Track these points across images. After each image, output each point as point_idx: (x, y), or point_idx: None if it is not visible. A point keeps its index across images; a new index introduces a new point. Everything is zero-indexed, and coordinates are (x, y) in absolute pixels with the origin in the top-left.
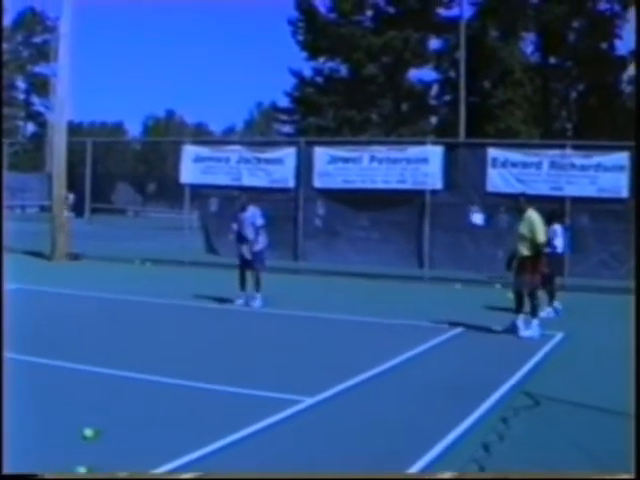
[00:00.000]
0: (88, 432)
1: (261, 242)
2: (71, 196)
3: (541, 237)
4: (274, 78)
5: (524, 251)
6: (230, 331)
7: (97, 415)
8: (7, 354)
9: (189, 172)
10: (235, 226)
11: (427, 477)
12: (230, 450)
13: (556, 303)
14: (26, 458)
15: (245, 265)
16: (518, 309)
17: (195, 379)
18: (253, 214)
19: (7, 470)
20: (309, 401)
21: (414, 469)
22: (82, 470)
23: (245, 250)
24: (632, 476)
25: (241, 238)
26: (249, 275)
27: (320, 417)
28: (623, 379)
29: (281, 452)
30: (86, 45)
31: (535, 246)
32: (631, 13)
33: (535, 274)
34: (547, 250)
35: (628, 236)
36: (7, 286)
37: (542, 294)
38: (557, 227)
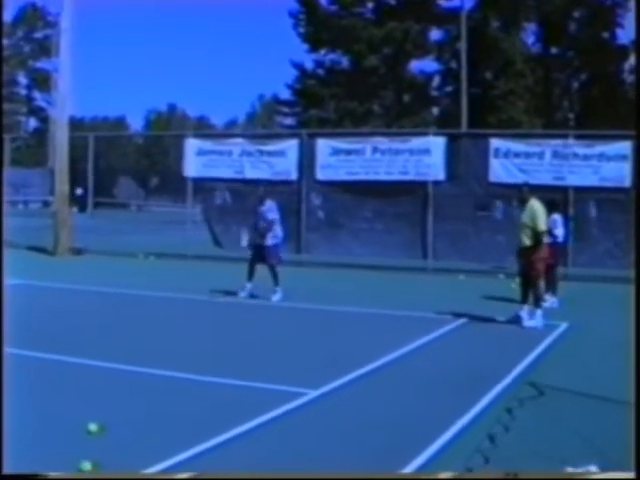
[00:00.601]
0: (92, 427)
1: (274, 236)
2: (79, 190)
3: (542, 226)
4: (275, 70)
5: (526, 240)
6: (233, 324)
7: (99, 410)
8: (10, 349)
9: (191, 166)
10: (254, 219)
11: (425, 477)
12: (234, 443)
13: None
14: (26, 453)
15: (257, 258)
16: (524, 299)
17: (198, 372)
18: (269, 208)
19: (7, 468)
20: (313, 393)
21: (419, 460)
22: (87, 464)
23: (257, 243)
24: (632, 476)
25: (256, 231)
26: (259, 268)
27: (324, 409)
28: (627, 369)
29: (285, 444)
30: (87, 40)
31: (536, 235)
32: (632, 2)
33: (537, 263)
34: (549, 240)
35: (632, 225)
36: (8, 281)
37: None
38: (557, 217)
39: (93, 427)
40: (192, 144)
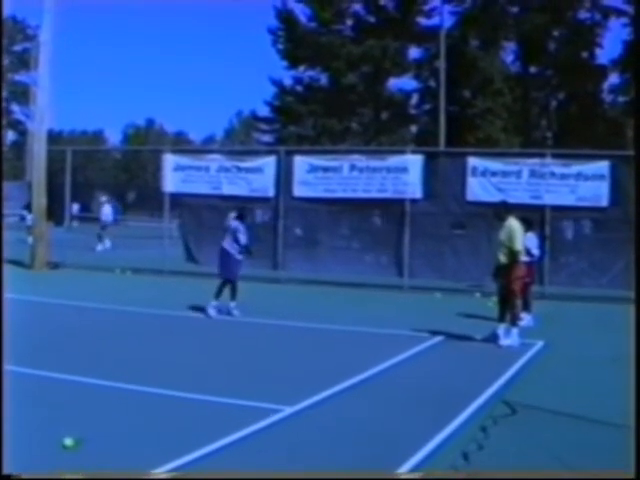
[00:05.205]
0: (68, 441)
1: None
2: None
3: (517, 245)
4: (254, 87)
5: (503, 259)
6: (209, 340)
7: (77, 424)
8: None
9: (169, 181)
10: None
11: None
12: (208, 459)
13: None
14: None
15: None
16: (501, 318)
17: (173, 388)
18: (237, 228)
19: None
20: (288, 410)
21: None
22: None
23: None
24: (632, 476)
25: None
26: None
27: (299, 426)
28: (602, 388)
29: (259, 460)
30: (67, 53)
31: (512, 254)
32: (611, 22)
33: (514, 282)
34: (526, 259)
35: (608, 245)
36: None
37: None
38: (530, 235)
39: (69, 441)
40: (170, 159)
